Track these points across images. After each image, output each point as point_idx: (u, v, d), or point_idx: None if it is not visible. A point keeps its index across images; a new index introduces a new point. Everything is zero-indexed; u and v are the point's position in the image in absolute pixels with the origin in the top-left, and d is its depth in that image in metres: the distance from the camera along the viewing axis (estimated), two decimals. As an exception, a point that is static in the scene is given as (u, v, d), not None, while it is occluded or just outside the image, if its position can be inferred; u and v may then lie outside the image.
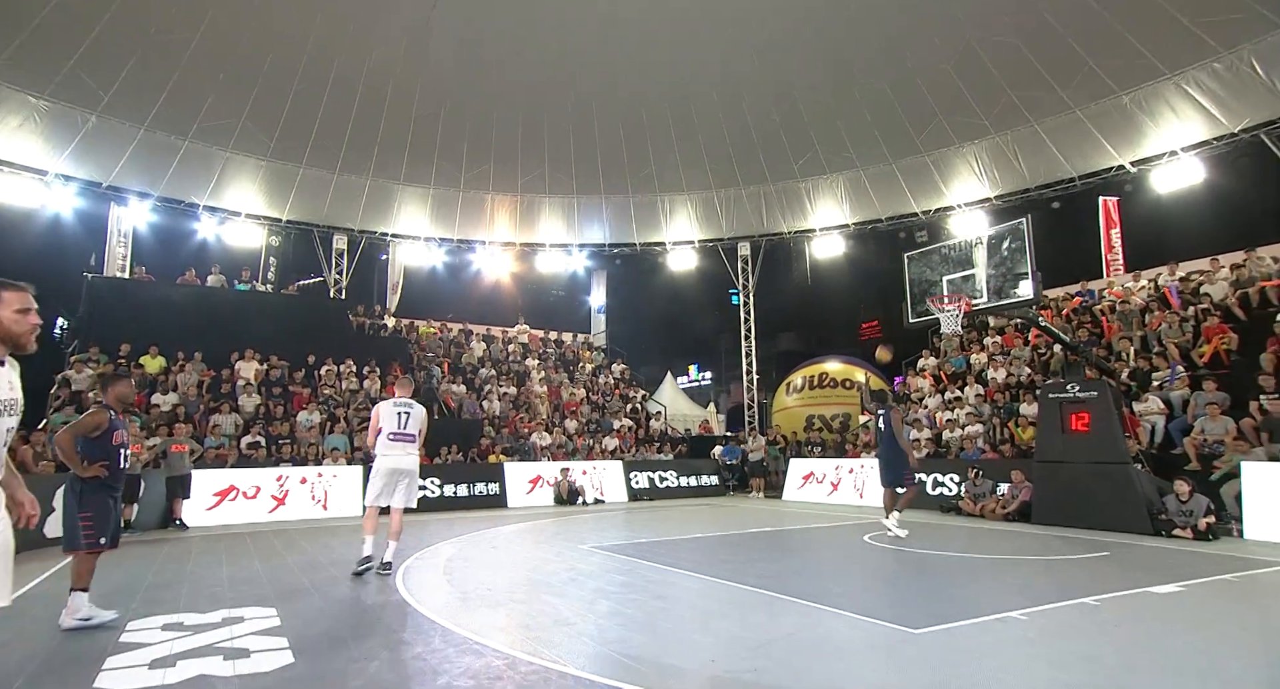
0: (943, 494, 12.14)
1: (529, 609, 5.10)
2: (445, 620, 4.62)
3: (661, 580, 6.08)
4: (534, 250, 22.23)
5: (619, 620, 4.66)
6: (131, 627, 4.49)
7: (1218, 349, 12.98)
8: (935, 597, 5.41)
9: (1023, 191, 18.50)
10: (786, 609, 4.87)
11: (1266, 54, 14.08)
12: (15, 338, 2.49)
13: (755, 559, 7.61)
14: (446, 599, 5.48)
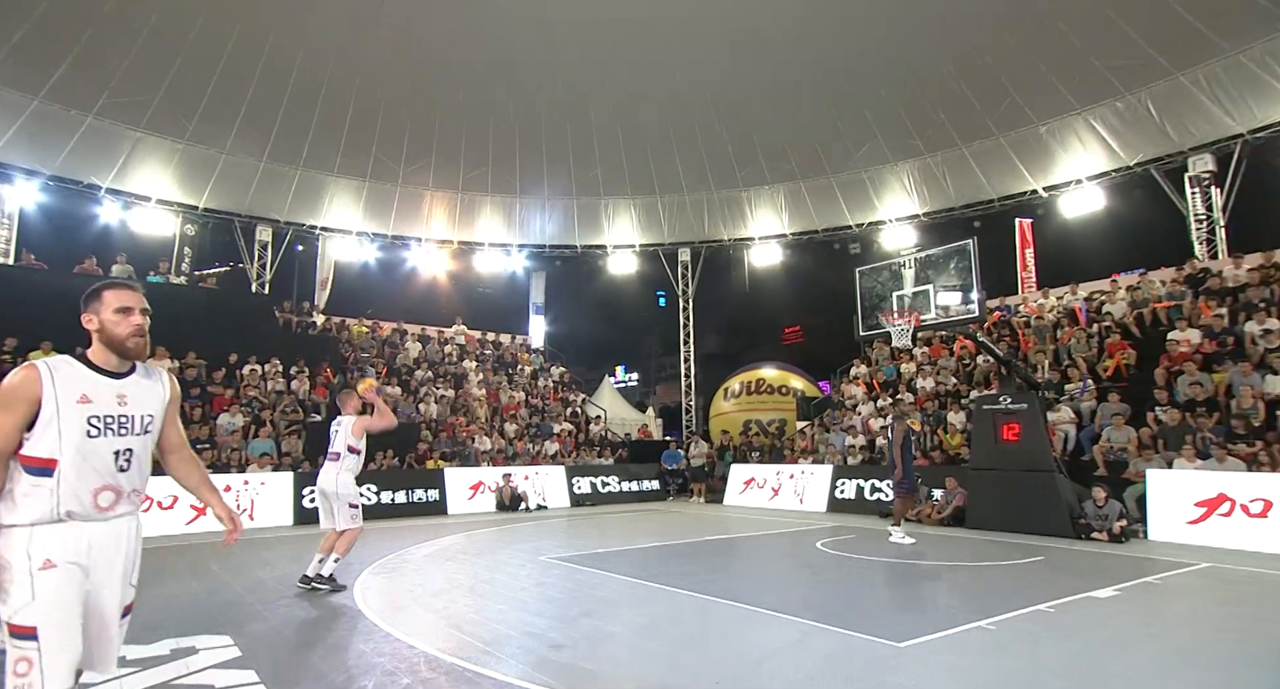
0: (880, 500, 12.75)
1: (509, 631, 5.04)
2: (428, 646, 4.51)
3: (635, 596, 6.15)
4: (472, 249, 21.89)
5: (610, 644, 4.71)
6: None
7: (1119, 364, 14.31)
8: (905, 607, 5.72)
9: (948, 210, 19.71)
10: (769, 624, 5.02)
11: (1160, 98, 15.64)
12: (117, 341, 2.30)
13: (720, 569, 7.75)
14: (418, 622, 5.31)
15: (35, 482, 2.14)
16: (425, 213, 20.55)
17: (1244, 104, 15.02)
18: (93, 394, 2.21)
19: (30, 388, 2.14)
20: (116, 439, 2.25)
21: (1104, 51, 15.11)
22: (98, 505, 2.22)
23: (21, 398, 2.14)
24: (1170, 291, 15.43)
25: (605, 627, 5.10)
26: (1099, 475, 11.13)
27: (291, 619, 5.26)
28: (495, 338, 21.65)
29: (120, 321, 2.29)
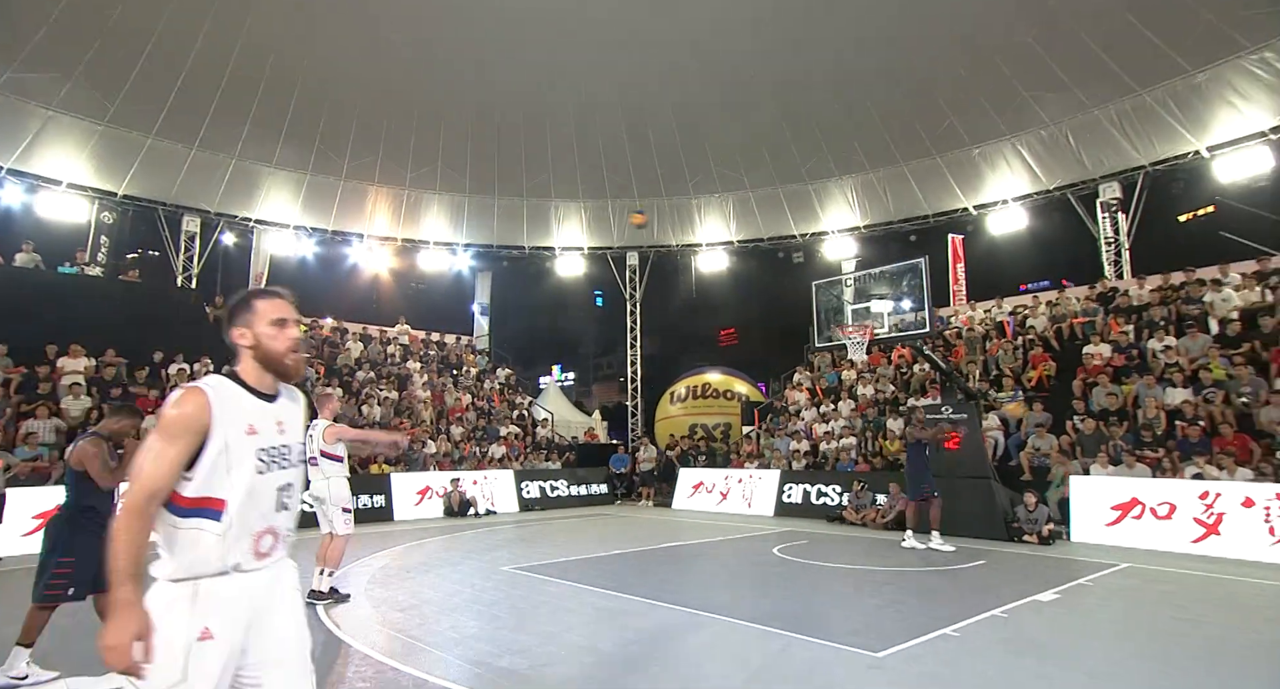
0: (825, 504, 13.26)
1: (491, 649, 4.97)
2: (415, 670, 4.37)
3: (610, 609, 6.16)
4: (416, 247, 21.45)
5: (596, 661, 4.68)
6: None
7: (1041, 375, 15.31)
8: (874, 616, 5.93)
9: (886, 224, 20.62)
10: (751, 636, 5.16)
11: (1077, 129, 16.88)
12: (274, 359, 2.02)
13: (689, 580, 7.91)
14: (395, 643, 5.12)
15: (196, 525, 1.83)
16: (369, 209, 20.01)
17: (1147, 139, 16.37)
18: (258, 424, 1.95)
19: (200, 417, 1.83)
20: (279, 473, 2.00)
21: (1032, 83, 16.22)
22: (258, 552, 1.95)
23: (190, 429, 1.82)
24: (1085, 308, 16.58)
25: (587, 643, 5.11)
26: (1025, 480, 11.95)
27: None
28: (440, 338, 21.30)
29: (277, 335, 2.02)
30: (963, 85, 16.77)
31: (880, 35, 15.93)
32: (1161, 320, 14.74)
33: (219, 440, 1.85)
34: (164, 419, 1.84)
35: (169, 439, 1.80)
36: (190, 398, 1.85)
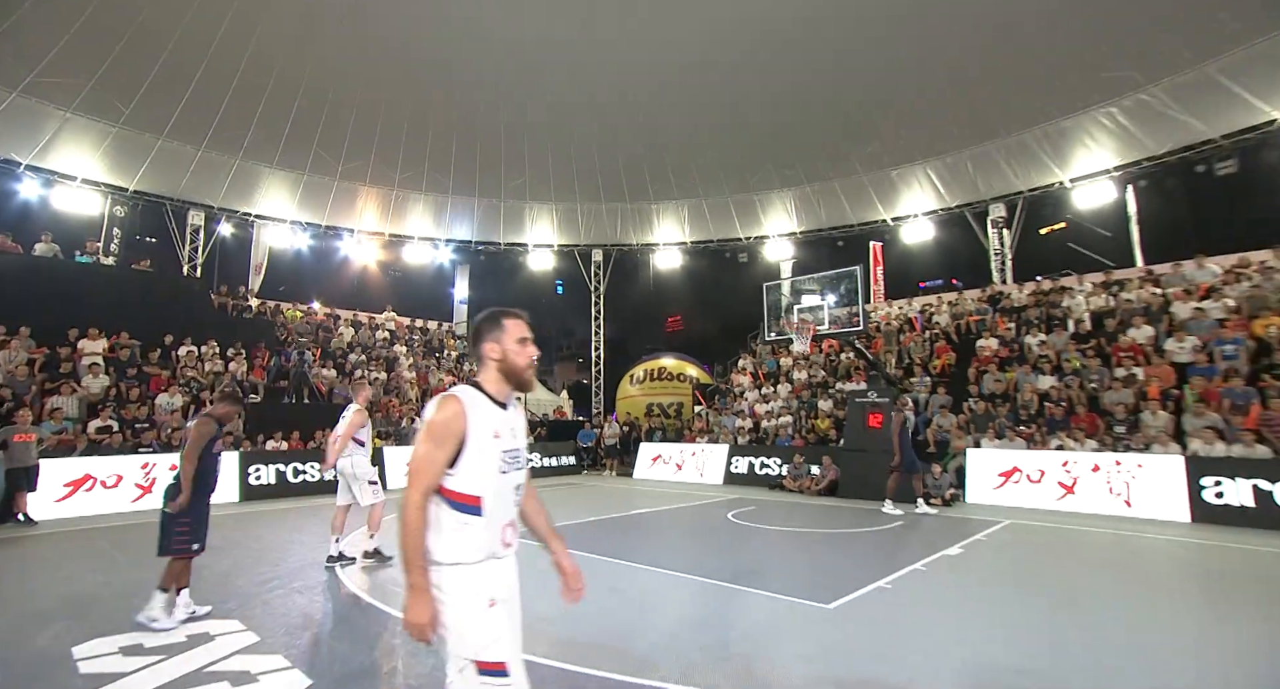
0: (768, 474, 13.75)
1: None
2: None
3: (600, 572, 6.15)
4: (402, 241, 21.04)
5: (593, 618, 4.70)
6: (80, 652, 3.85)
7: (944, 363, 16.19)
8: (820, 573, 6.21)
9: (818, 230, 21.25)
10: (727, 594, 5.31)
11: (975, 159, 17.74)
12: (517, 372, 2.04)
13: (663, 543, 8.06)
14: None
15: (464, 519, 1.90)
16: (359, 206, 19.49)
17: (1025, 170, 17.38)
18: (500, 429, 1.98)
19: (459, 423, 1.88)
20: (516, 473, 2.03)
21: (941, 119, 16.94)
22: (505, 542, 2.01)
23: (452, 433, 1.88)
24: (978, 307, 17.53)
25: (593, 607, 4.98)
26: (930, 453, 12.73)
27: (291, 602, 5.02)
28: (423, 324, 21.05)
29: (520, 352, 2.05)
30: (886, 117, 17.38)
31: (816, 70, 16.29)
32: (1035, 319, 15.72)
33: (474, 443, 1.90)
34: (431, 425, 1.89)
35: (437, 442, 1.87)
36: (449, 405, 1.90)
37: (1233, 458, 9.52)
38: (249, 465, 12.04)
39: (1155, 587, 5.67)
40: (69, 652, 3.90)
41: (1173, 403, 11.32)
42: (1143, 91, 14.38)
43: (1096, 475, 9.87)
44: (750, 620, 4.67)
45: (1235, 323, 12.55)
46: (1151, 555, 6.89)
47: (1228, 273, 14.33)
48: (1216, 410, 10.59)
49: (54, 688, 3.47)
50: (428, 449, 1.87)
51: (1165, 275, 15.25)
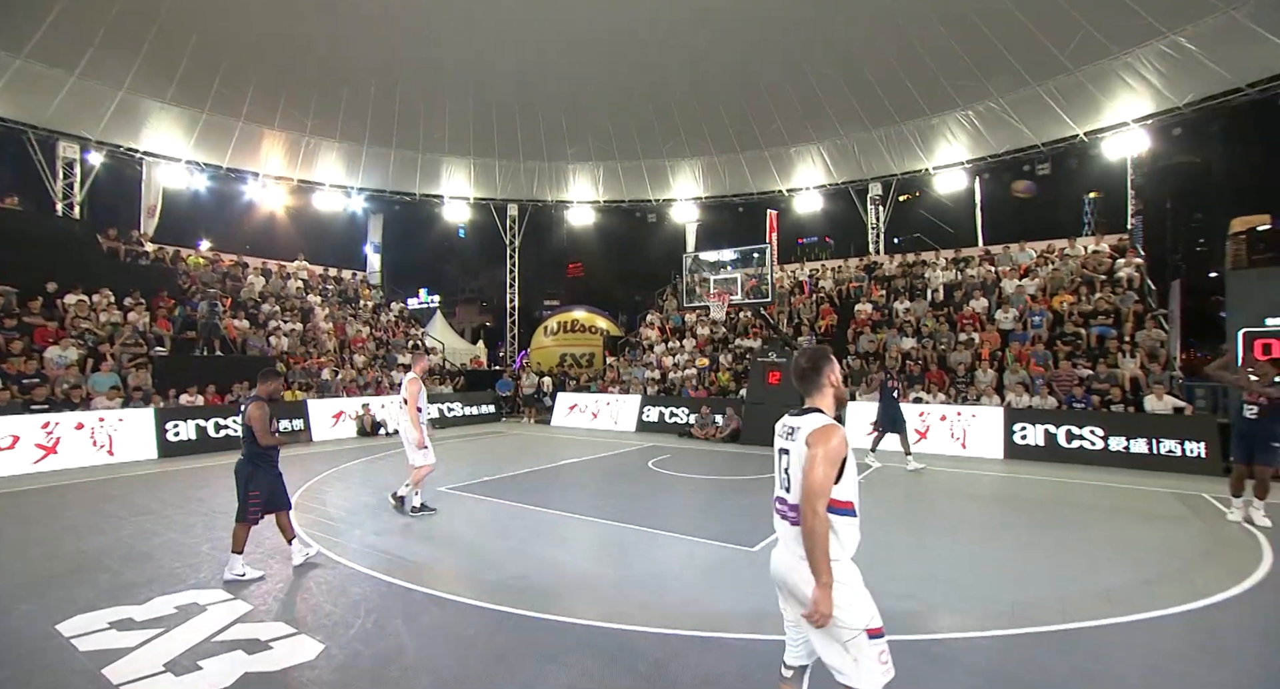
0: (677, 422, 14.39)
1: (467, 563, 5.13)
2: (410, 583, 4.48)
3: (546, 523, 6.38)
4: (312, 188, 19.20)
5: (555, 569, 4.93)
6: (68, 630, 3.67)
7: (828, 324, 17.44)
8: (739, 517, 6.59)
9: (721, 196, 21.76)
10: (665, 542, 5.60)
11: (859, 142, 18.72)
12: (843, 399, 2.32)
13: (597, 493, 8.04)
14: (382, 561, 5.07)
15: (848, 521, 2.16)
16: (265, 149, 17.45)
17: (898, 155, 18.67)
18: None
19: (846, 448, 2.14)
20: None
21: (835, 106, 17.66)
22: None
23: (842, 456, 2.12)
24: (856, 275, 19.03)
25: (549, 556, 5.25)
26: None
27: (268, 568, 4.84)
28: (336, 273, 19.62)
29: (840, 383, 2.34)
30: (789, 100, 17.86)
31: (732, 50, 16.31)
32: (902, 288, 17.38)
33: (851, 461, 2.16)
34: (831, 451, 2.10)
35: (832, 463, 2.09)
36: (839, 433, 2.14)
37: (1032, 408, 11.36)
38: (166, 421, 11.08)
39: (991, 512, 6.87)
40: (53, 630, 3.69)
41: (997, 363, 13.19)
42: (991, 100, 15.91)
43: (943, 423, 11.42)
44: (686, 565, 5.03)
45: (1042, 299, 14.65)
46: (985, 487, 8.27)
47: (1040, 256, 16.51)
48: (1026, 369, 12.51)
49: (63, 668, 3.31)
50: (826, 471, 2.09)
51: (998, 255, 17.27)
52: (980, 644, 3.62)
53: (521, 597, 4.26)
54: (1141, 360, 11.70)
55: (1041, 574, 4.88)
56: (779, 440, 2.30)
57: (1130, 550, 5.52)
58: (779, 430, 2.31)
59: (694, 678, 3.19)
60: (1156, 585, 4.56)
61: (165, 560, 5.04)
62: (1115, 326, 12.90)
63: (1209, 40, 12.43)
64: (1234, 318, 10.20)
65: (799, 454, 2.19)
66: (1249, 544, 5.69)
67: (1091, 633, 3.75)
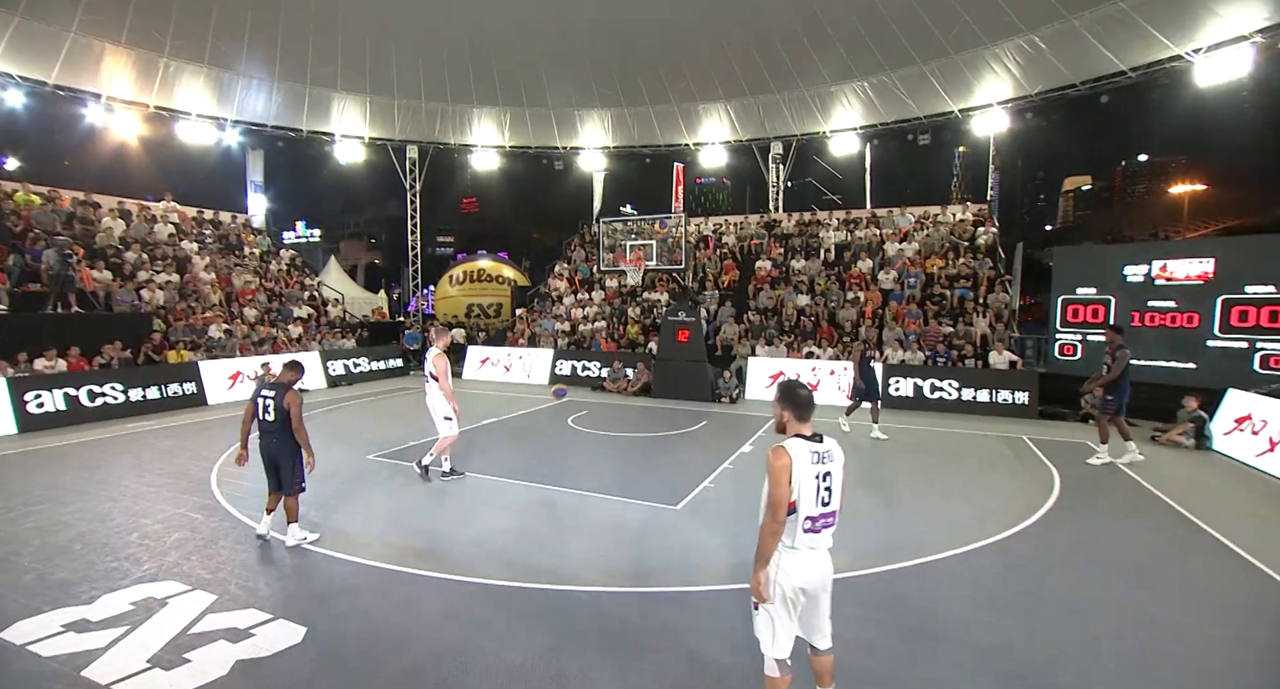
0: (589, 376, 14.83)
1: (411, 535, 5.30)
2: (367, 559, 4.60)
3: (484, 490, 6.62)
4: (175, 117, 16.76)
5: (496, 537, 5.20)
6: (16, 636, 3.57)
7: (731, 279, 18.33)
8: (660, 476, 7.05)
9: (629, 146, 21.67)
10: (596, 503, 6.00)
11: (763, 103, 19.31)
12: None
13: (522, 455, 8.07)
14: (334, 540, 5.11)
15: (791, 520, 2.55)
16: (109, 67, 14.85)
17: (800, 118, 19.54)
18: None
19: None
20: None
21: (744, 68, 17.97)
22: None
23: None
24: (757, 232, 19.97)
25: (489, 523, 5.46)
26: (719, 357, 14.80)
27: (215, 553, 4.83)
28: (214, 215, 17.57)
29: None
30: (699, 59, 17.92)
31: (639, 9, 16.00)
32: (799, 247, 18.57)
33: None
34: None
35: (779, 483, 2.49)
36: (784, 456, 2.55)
37: (904, 363, 12.99)
38: (25, 392, 9.86)
39: (872, 461, 8.04)
40: (9, 639, 3.55)
41: (879, 320, 14.75)
42: (884, 74, 16.94)
43: (832, 377, 12.78)
44: (619, 525, 5.49)
45: (918, 261, 16.37)
46: (864, 436, 9.53)
47: (917, 221, 18.27)
48: (902, 326, 14.14)
49: (39, 674, 3.25)
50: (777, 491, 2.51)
51: (883, 218, 18.86)
52: (863, 581, 4.53)
53: (480, 567, 4.58)
54: (990, 320, 13.65)
55: (904, 517, 5.99)
56: (813, 466, 2.58)
57: (968, 491, 6.81)
58: (808, 458, 2.58)
59: (652, 629, 3.78)
60: (986, 522, 5.79)
61: (92, 555, 4.80)
62: (973, 289, 14.82)
63: (1056, 41, 14.08)
64: (1056, 288, 12.15)
65: (839, 470, 2.65)
66: (1046, 481, 7.22)
67: (940, 564, 4.81)
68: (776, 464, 2.53)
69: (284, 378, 5.05)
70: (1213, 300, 10.37)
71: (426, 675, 3.30)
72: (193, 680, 3.22)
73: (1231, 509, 6.29)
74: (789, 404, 2.71)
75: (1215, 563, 4.94)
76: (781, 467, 2.52)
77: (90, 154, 16.42)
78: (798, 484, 2.53)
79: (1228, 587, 4.52)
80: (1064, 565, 4.84)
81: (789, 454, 2.54)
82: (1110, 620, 3.96)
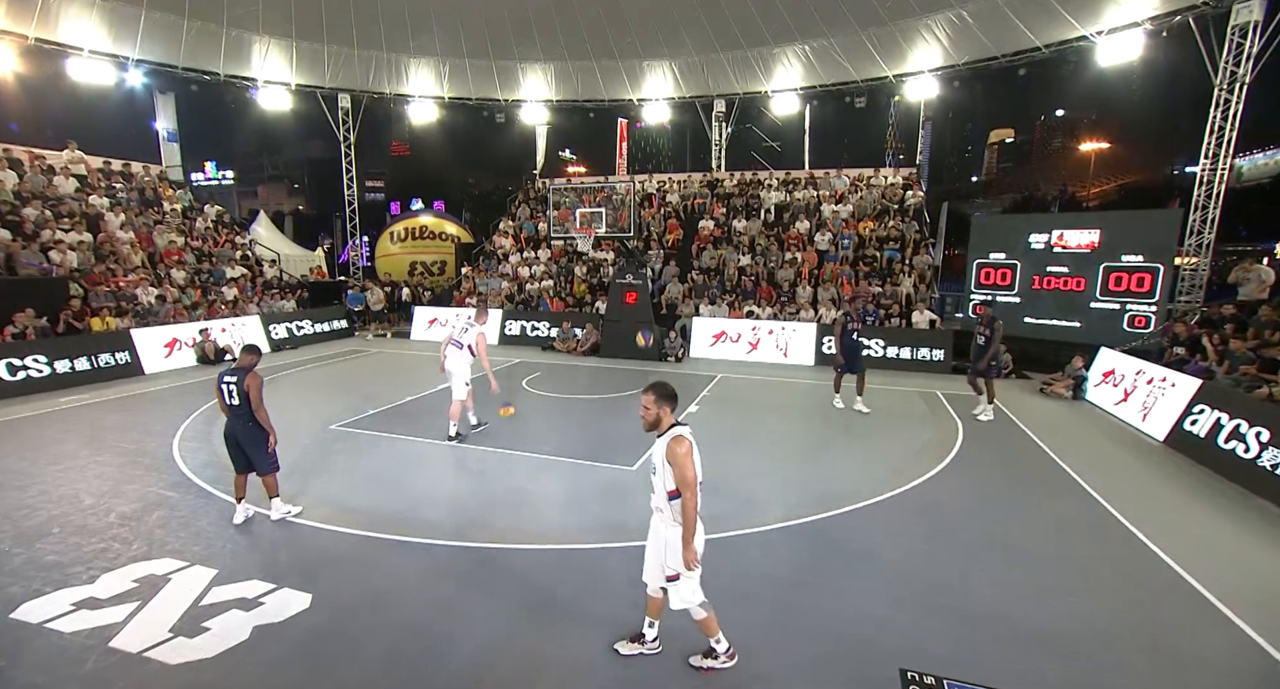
0: (539, 336, 14.95)
1: (389, 504, 5.55)
2: (351, 529, 4.87)
3: (450, 458, 6.87)
4: (63, 52, 15.00)
5: (475, 503, 5.62)
6: (29, 616, 3.76)
7: (675, 238, 18.63)
8: (613, 438, 7.41)
9: (573, 100, 21.16)
10: (556, 468, 6.32)
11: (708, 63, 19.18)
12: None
13: (477, 418, 7.92)
14: (326, 507, 5.37)
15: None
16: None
17: (742, 77, 19.53)
18: None
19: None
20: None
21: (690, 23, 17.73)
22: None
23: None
24: (700, 191, 20.21)
25: (463, 489, 5.80)
26: (663, 315, 15.26)
27: (199, 528, 4.99)
28: (124, 166, 16.11)
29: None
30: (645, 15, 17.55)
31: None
32: (740, 206, 19.01)
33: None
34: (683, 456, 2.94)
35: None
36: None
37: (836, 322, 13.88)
38: None
39: (801, 422, 8.85)
40: (11, 620, 3.72)
41: (814, 280, 15.57)
42: (824, 38, 17.26)
43: (770, 336, 13.57)
44: (590, 487, 5.95)
45: (851, 223, 17.23)
46: (799, 395, 10.37)
47: (852, 183, 19.05)
48: (836, 286, 15.04)
49: (72, 648, 3.47)
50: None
51: (820, 179, 19.52)
52: (800, 529, 5.28)
53: (459, 530, 4.98)
54: (915, 280, 14.73)
55: (829, 471, 6.83)
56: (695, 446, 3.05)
57: (887, 444, 7.74)
58: (694, 441, 3.06)
59: (628, 580, 4.37)
60: (901, 472, 6.70)
61: (74, 537, 4.87)
62: (900, 250, 15.82)
63: (981, 16, 14.81)
64: (973, 252, 13.26)
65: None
66: (952, 432, 8.27)
67: (857, 512, 5.64)
68: (683, 451, 2.98)
69: (244, 362, 5.10)
70: (1097, 267, 11.68)
71: (429, 629, 3.74)
72: (219, 644, 3.53)
73: (1085, 451, 7.49)
74: (668, 402, 3.13)
75: (1068, 499, 6.01)
76: (686, 451, 2.99)
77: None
78: (698, 462, 3.05)
79: (1071, 515, 5.57)
80: (959, 506, 5.77)
81: (689, 440, 3.03)
82: (986, 551, 4.87)
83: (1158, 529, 5.30)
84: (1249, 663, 3.58)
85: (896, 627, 3.81)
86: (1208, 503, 6.05)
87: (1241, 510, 5.88)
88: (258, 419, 5.01)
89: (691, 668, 3.40)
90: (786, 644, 3.64)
